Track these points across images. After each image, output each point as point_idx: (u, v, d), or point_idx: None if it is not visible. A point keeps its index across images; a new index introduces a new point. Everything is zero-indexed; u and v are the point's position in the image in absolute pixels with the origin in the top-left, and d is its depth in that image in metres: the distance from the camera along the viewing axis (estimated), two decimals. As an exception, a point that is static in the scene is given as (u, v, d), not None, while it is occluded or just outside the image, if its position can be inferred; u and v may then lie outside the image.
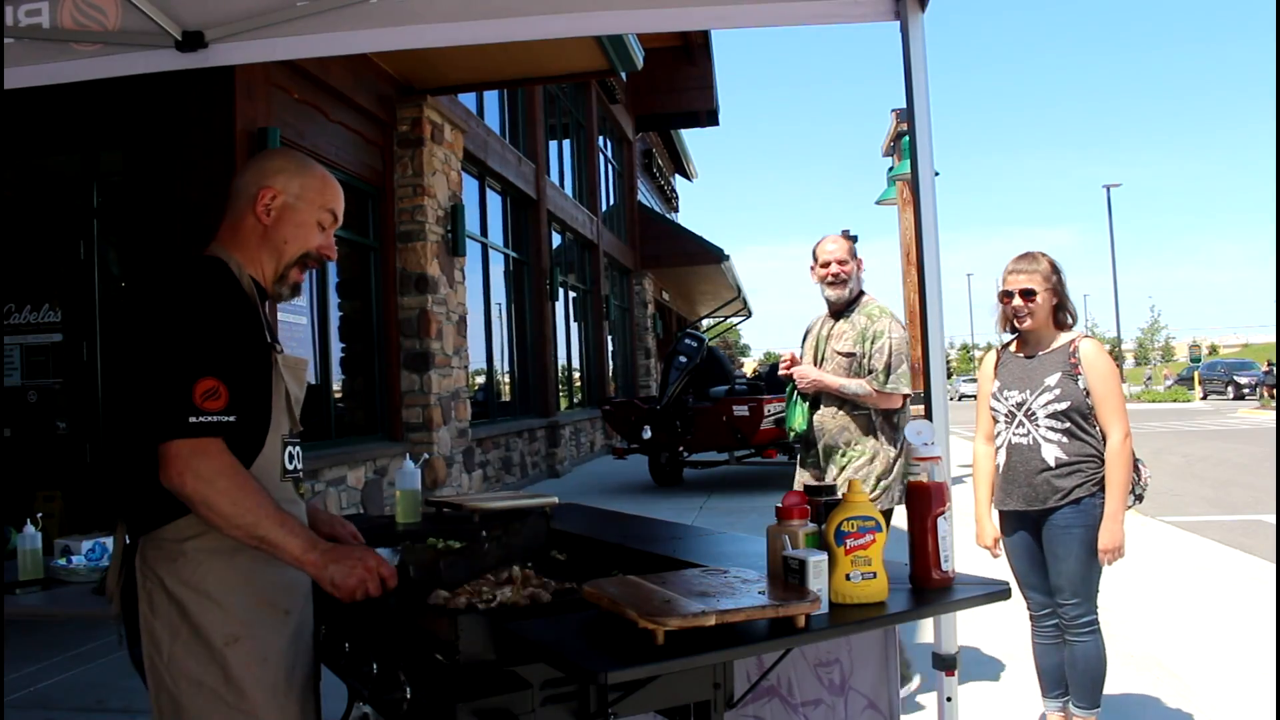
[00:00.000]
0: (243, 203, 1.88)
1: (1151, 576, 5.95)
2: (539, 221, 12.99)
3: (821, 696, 2.21)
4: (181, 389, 1.64)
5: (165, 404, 1.65)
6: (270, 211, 1.87)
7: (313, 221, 1.91)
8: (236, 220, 1.89)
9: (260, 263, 1.89)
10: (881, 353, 3.55)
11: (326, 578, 1.69)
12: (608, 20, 2.76)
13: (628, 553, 2.27)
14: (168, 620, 1.71)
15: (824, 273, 3.65)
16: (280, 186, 1.88)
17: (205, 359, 1.68)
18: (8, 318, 6.34)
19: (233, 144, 5.87)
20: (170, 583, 1.71)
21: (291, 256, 1.90)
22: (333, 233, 1.96)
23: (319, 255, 1.94)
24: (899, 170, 12.95)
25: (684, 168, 29.47)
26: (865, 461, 3.53)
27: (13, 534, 2.92)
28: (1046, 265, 3.15)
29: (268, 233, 1.87)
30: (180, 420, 1.63)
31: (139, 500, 1.76)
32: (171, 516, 1.70)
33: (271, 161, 1.94)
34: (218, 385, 1.67)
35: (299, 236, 1.90)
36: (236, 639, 1.71)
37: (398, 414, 8.42)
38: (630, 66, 8.37)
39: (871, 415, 3.55)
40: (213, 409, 1.65)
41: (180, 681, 1.70)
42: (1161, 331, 66.61)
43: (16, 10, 2.70)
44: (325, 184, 1.94)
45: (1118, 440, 3.03)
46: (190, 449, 1.63)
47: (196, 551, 1.71)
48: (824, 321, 3.76)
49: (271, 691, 1.73)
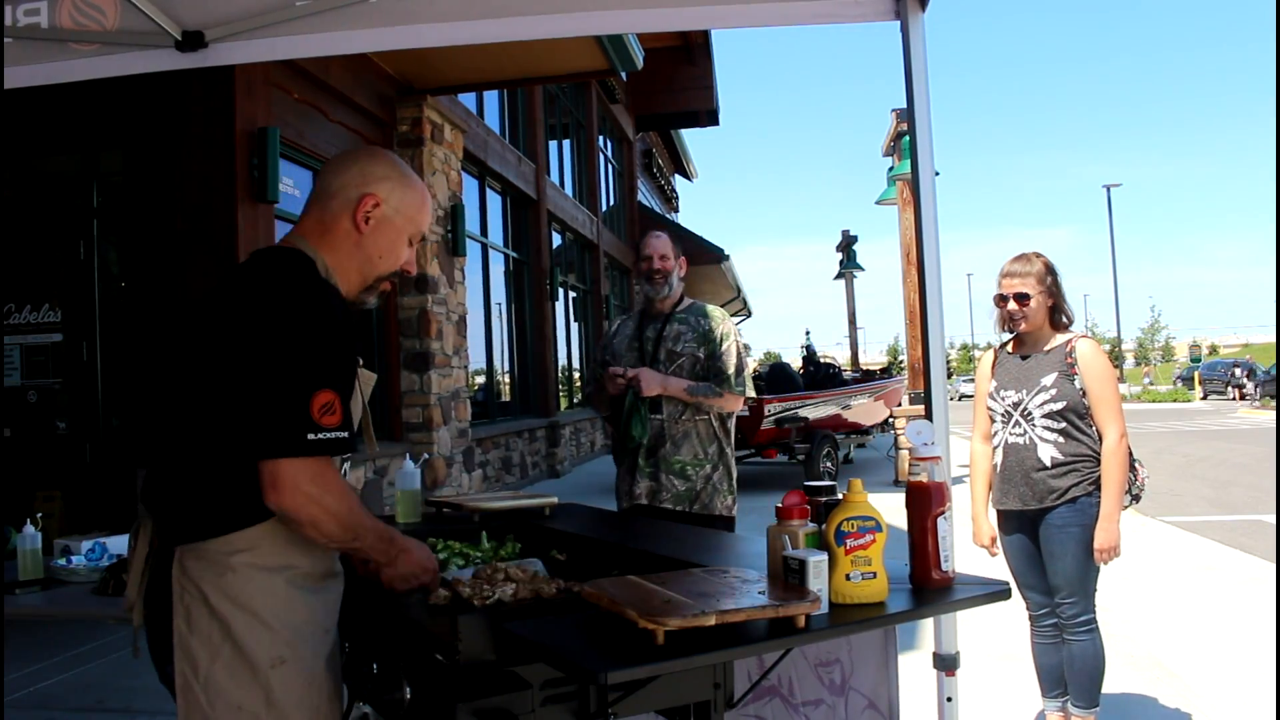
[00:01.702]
0: (340, 204, 1.77)
1: (1151, 576, 5.95)
2: (539, 221, 12.99)
3: (822, 696, 2.21)
4: (298, 402, 1.53)
5: (279, 419, 1.53)
6: (369, 220, 1.77)
7: (405, 238, 1.82)
8: (330, 220, 1.77)
9: (348, 270, 1.78)
10: (729, 354, 3.38)
11: (397, 577, 1.73)
12: (608, 20, 2.76)
13: (628, 553, 2.26)
14: (207, 638, 1.60)
15: (644, 266, 3.43)
16: (384, 195, 1.78)
17: (323, 369, 1.57)
18: (8, 318, 6.34)
19: (233, 144, 5.87)
20: (214, 598, 1.59)
21: (383, 271, 1.81)
22: (416, 249, 1.88)
23: (403, 271, 1.85)
24: (899, 170, 12.95)
25: (684, 168, 29.47)
26: (710, 471, 3.35)
27: (13, 534, 2.92)
28: (1041, 267, 3.15)
29: (361, 241, 1.77)
30: (297, 437, 1.52)
31: (184, 508, 1.65)
32: (223, 529, 1.60)
33: (377, 166, 1.81)
34: (334, 399, 1.56)
35: (392, 252, 1.81)
36: (283, 661, 1.61)
37: (398, 414, 8.42)
38: (630, 66, 8.36)
39: (711, 420, 3.38)
40: (330, 425, 1.55)
41: (217, 704, 1.59)
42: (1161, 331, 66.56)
43: (15, 10, 2.70)
44: (424, 203, 1.85)
45: (1113, 440, 3.03)
46: (307, 472, 1.53)
47: (246, 568, 1.60)
48: (641, 323, 3.50)
49: (314, 715, 1.65)
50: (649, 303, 3.50)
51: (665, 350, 3.40)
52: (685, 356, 3.37)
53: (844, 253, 19.55)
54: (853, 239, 19.48)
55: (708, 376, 3.37)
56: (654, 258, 3.42)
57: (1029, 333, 3.18)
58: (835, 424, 11.89)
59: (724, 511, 3.38)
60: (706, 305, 3.55)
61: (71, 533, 3.18)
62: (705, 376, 3.37)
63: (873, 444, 15.43)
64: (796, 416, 11.11)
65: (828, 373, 13.36)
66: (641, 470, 3.34)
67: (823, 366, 13.70)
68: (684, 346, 3.39)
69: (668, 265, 3.43)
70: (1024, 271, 3.14)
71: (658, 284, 3.43)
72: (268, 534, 1.62)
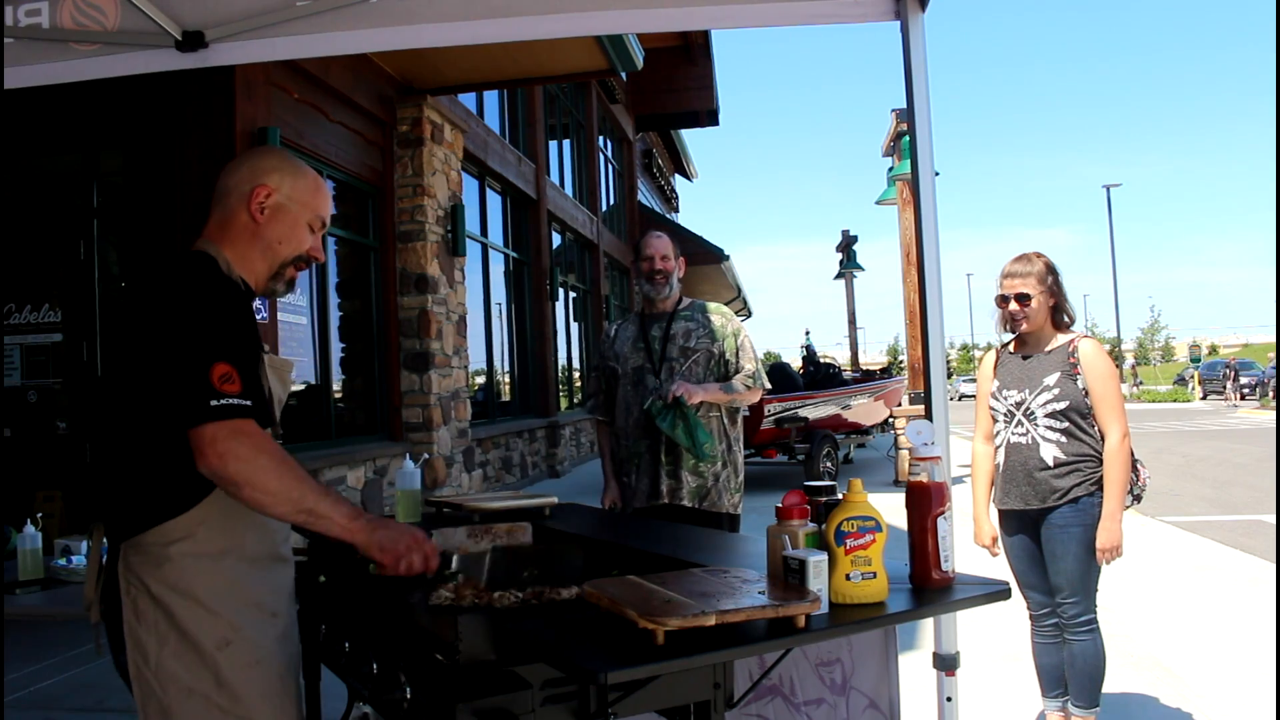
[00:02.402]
0: (235, 199, 1.86)
1: (1151, 576, 5.95)
2: (539, 221, 12.98)
3: (823, 696, 2.21)
4: (198, 374, 1.60)
5: (183, 391, 1.60)
6: (264, 210, 1.85)
7: (303, 224, 1.90)
8: (227, 217, 1.86)
9: (251, 261, 1.86)
10: (745, 350, 3.44)
11: (375, 542, 1.70)
12: (608, 20, 2.76)
13: (628, 553, 2.27)
14: (154, 627, 1.67)
15: (645, 266, 3.43)
16: (274, 185, 1.86)
17: (217, 345, 1.64)
18: (8, 318, 6.35)
19: (233, 144, 5.87)
20: (156, 588, 1.67)
21: (285, 257, 1.89)
22: (320, 235, 1.96)
23: (309, 257, 1.93)
24: (899, 170, 12.94)
25: (684, 168, 29.46)
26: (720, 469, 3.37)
27: (13, 534, 2.93)
28: (1042, 267, 3.15)
29: (259, 231, 1.85)
30: (203, 404, 1.59)
31: (121, 505, 1.73)
32: (155, 521, 1.68)
33: (265, 160, 1.92)
34: (231, 370, 1.62)
35: (292, 238, 1.89)
36: (228, 643, 1.68)
37: (398, 414, 8.42)
38: (630, 66, 8.36)
39: (722, 417, 3.41)
40: (231, 392, 1.61)
41: (170, 689, 1.66)
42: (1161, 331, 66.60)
43: (16, 10, 2.70)
44: (317, 189, 1.93)
45: (1116, 440, 3.03)
46: (227, 431, 1.59)
47: (182, 556, 1.67)
48: (643, 324, 3.51)
49: (265, 694, 1.71)
50: (650, 303, 3.50)
51: (677, 348, 3.41)
52: (700, 352, 3.41)
53: (844, 253, 19.55)
54: (853, 239, 19.49)
55: (723, 372, 3.40)
56: (655, 258, 3.43)
57: (1031, 333, 3.18)
58: (835, 424, 11.89)
59: (730, 509, 3.40)
60: (707, 303, 3.56)
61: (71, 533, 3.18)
62: (718, 372, 3.40)
63: (873, 444, 15.43)
64: (796, 416, 11.11)
65: (828, 373, 13.35)
66: (664, 466, 3.35)
67: (823, 366, 13.69)
68: (698, 342, 3.41)
69: (669, 265, 3.44)
70: (1025, 272, 3.14)
71: (659, 284, 3.43)
72: (202, 520, 1.69)
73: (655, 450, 3.35)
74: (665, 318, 3.47)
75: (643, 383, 3.40)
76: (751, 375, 3.42)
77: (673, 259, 3.45)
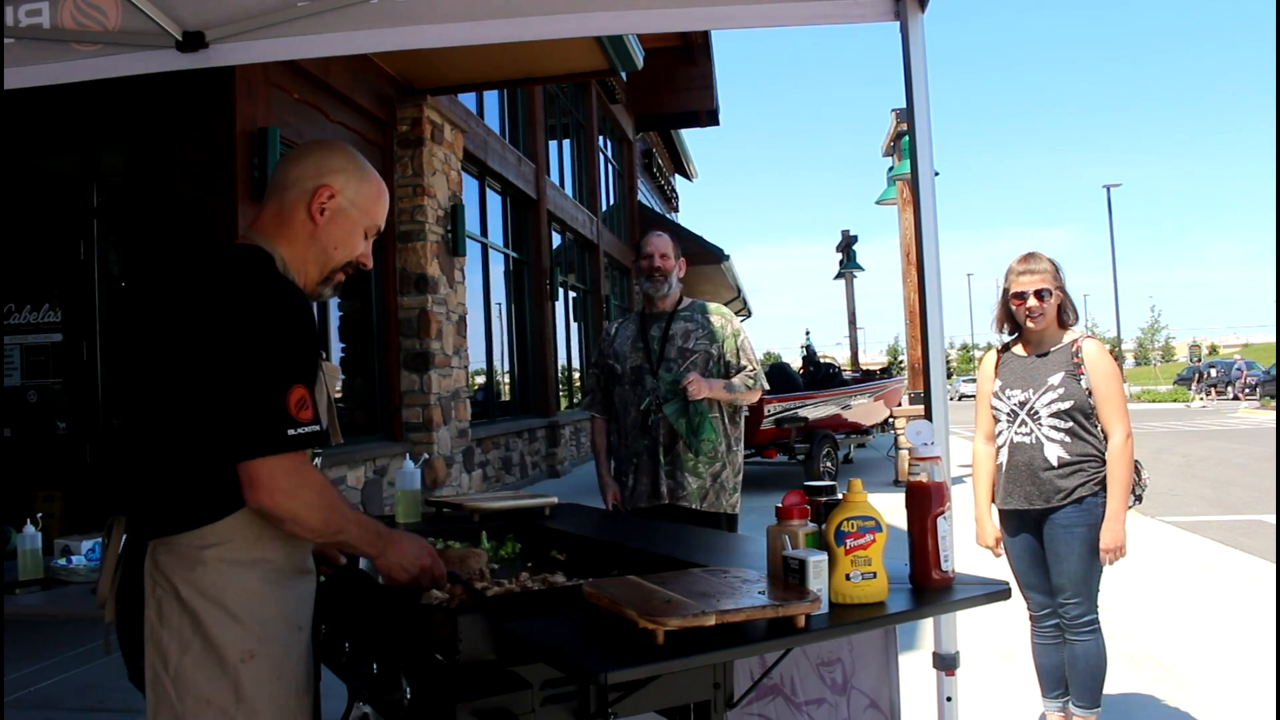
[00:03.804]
0: (295, 195, 1.77)
1: (1151, 576, 5.95)
2: (539, 221, 12.98)
3: (824, 695, 2.21)
4: (275, 400, 1.53)
5: (257, 417, 1.53)
6: (324, 211, 1.77)
7: (360, 230, 1.83)
8: (285, 213, 1.77)
9: (305, 262, 1.78)
10: (745, 350, 3.46)
11: (384, 569, 1.72)
12: (608, 20, 2.76)
13: (628, 553, 2.27)
14: (178, 632, 1.60)
15: (645, 264, 3.45)
16: (339, 186, 1.78)
17: (293, 366, 1.57)
18: (8, 318, 6.35)
19: (233, 144, 5.87)
20: (185, 592, 1.60)
21: (339, 263, 1.82)
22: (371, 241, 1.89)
23: (359, 264, 1.86)
24: (899, 170, 12.95)
25: (684, 168, 29.46)
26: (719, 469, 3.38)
27: (13, 534, 2.93)
28: (1051, 265, 3.16)
29: (316, 233, 1.78)
30: (278, 435, 1.53)
31: (155, 503, 1.66)
32: (193, 523, 1.61)
33: (333, 158, 1.82)
34: (306, 394, 1.57)
35: (348, 244, 1.81)
36: (252, 655, 1.62)
37: (398, 414, 8.42)
38: (630, 66, 8.36)
39: (722, 417, 3.42)
40: (306, 420, 1.56)
41: (186, 697, 1.60)
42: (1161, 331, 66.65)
43: (17, 10, 2.70)
44: (380, 196, 1.86)
45: (1119, 440, 3.03)
46: (283, 467, 1.54)
47: (217, 561, 1.61)
48: (643, 323, 3.51)
49: (283, 712, 1.65)
50: (650, 302, 3.51)
51: (676, 348, 3.42)
52: (698, 353, 3.41)
53: (844, 253, 19.56)
54: (853, 239, 19.49)
55: (722, 373, 3.41)
56: (655, 256, 3.44)
57: (1036, 332, 3.18)
58: (835, 424, 11.89)
59: (729, 509, 3.40)
60: (707, 303, 3.57)
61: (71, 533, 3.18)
62: (717, 373, 3.41)
63: (873, 444, 15.43)
64: (796, 416, 11.11)
65: (828, 373, 13.35)
66: (662, 467, 3.36)
67: (823, 366, 13.70)
68: (696, 343, 3.42)
69: (668, 264, 3.45)
70: (1039, 269, 3.15)
71: (658, 282, 3.44)
72: (239, 528, 1.64)
73: (654, 450, 3.36)
74: (665, 317, 3.48)
75: (641, 382, 3.41)
76: (752, 375, 3.44)
77: (672, 258, 3.46)
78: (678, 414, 3.28)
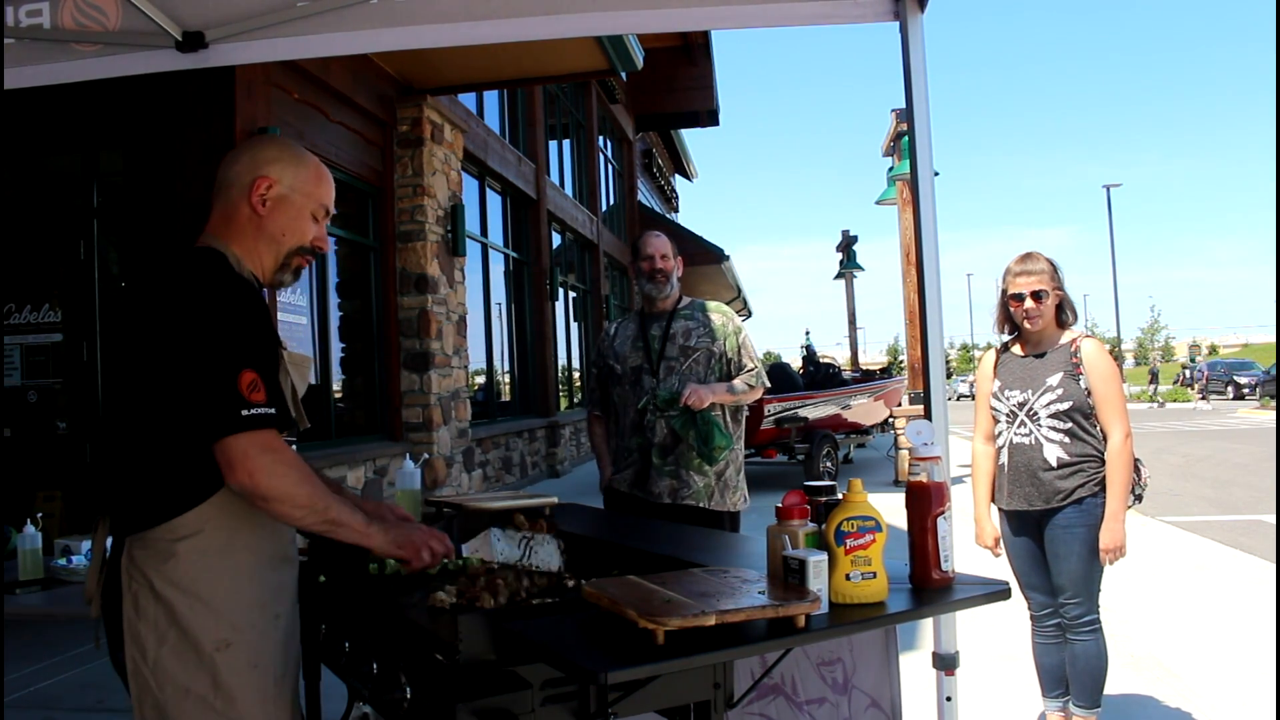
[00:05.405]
0: (236, 192, 1.83)
1: (1151, 576, 5.95)
2: (539, 221, 12.99)
3: (825, 695, 2.21)
4: (226, 383, 1.59)
5: (211, 400, 1.59)
6: (266, 202, 1.82)
7: (307, 214, 1.87)
8: (230, 210, 1.84)
9: (259, 254, 1.84)
10: (746, 349, 3.45)
11: (392, 541, 1.75)
12: (608, 20, 2.76)
13: (628, 553, 2.27)
14: (154, 624, 1.65)
15: (645, 265, 3.43)
16: (276, 176, 1.83)
17: (242, 351, 1.63)
18: (8, 318, 6.35)
19: (233, 144, 5.85)
20: (159, 584, 1.65)
21: (290, 248, 1.86)
22: (325, 223, 1.93)
23: (313, 247, 1.90)
24: (899, 170, 12.95)
25: (684, 168, 29.46)
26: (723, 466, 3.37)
27: (13, 534, 2.93)
28: (1048, 265, 3.16)
29: (263, 224, 1.83)
30: (233, 415, 1.58)
31: (129, 500, 1.72)
32: (164, 516, 1.66)
33: (265, 150, 1.88)
34: (256, 378, 1.61)
35: (296, 229, 1.86)
36: (228, 644, 1.66)
37: (398, 414, 8.42)
38: (630, 66, 8.36)
39: (725, 416, 3.40)
40: (258, 401, 1.60)
41: (166, 687, 1.64)
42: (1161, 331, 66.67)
43: (17, 10, 2.70)
44: (320, 177, 1.90)
45: (1119, 440, 3.03)
46: (255, 445, 1.59)
47: (189, 552, 1.65)
48: (642, 323, 3.50)
49: (261, 698, 1.69)
50: (650, 302, 3.51)
51: (677, 347, 3.42)
52: (700, 351, 3.41)
53: (844, 253, 19.56)
54: (853, 239, 19.49)
55: (724, 371, 3.41)
56: (655, 257, 3.44)
57: (1035, 332, 3.17)
58: (835, 424, 11.89)
59: (732, 508, 3.40)
60: (707, 301, 3.57)
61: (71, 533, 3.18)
62: (719, 371, 3.41)
63: (873, 444, 15.43)
64: (796, 416, 11.11)
65: (828, 373, 13.36)
66: (659, 469, 3.34)
67: (822, 366, 13.70)
68: (698, 341, 3.42)
69: (668, 265, 3.45)
70: (1036, 270, 3.15)
71: (660, 283, 3.45)
72: (212, 517, 1.67)
73: (646, 450, 3.36)
74: (665, 317, 3.48)
75: (640, 382, 3.40)
76: (754, 374, 3.43)
77: (672, 258, 3.47)
78: (685, 426, 3.26)
